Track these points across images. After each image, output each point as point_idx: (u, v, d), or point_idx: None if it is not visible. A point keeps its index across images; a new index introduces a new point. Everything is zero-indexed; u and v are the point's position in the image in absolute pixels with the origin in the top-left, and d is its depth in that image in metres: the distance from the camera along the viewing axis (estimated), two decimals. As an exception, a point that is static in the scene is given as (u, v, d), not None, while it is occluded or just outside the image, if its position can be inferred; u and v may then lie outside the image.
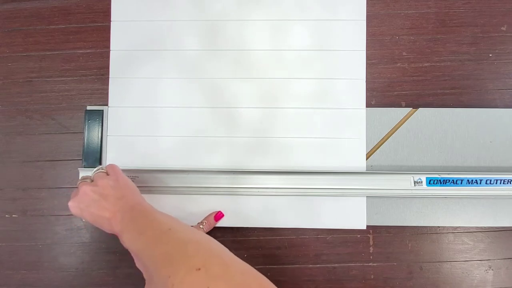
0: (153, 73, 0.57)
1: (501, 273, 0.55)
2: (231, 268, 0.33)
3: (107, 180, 0.45)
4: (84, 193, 0.44)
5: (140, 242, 0.38)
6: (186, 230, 0.39)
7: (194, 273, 0.31)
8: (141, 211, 0.42)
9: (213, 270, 0.31)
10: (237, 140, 0.56)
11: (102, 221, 0.42)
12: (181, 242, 0.36)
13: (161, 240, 0.37)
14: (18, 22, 0.59)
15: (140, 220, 0.40)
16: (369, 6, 0.57)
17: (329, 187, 0.54)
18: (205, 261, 0.32)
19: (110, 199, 0.43)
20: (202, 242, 0.36)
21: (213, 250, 0.35)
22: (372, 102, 0.57)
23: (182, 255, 0.34)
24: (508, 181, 0.53)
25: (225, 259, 0.34)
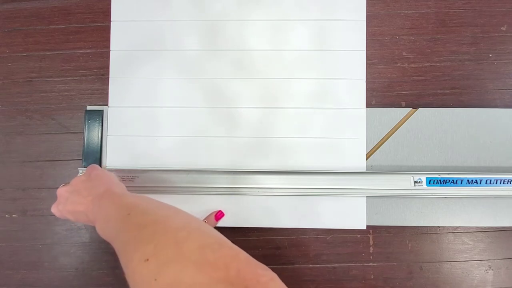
0: (153, 73, 0.57)
1: (501, 273, 0.55)
2: (185, 246, 0.29)
3: (79, 177, 0.46)
4: (59, 195, 0.45)
5: (108, 230, 0.37)
6: (147, 212, 0.36)
7: (143, 264, 0.28)
8: (109, 197, 0.40)
9: (164, 255, 0.29)
10: (237, 140, 0.56)
11: (79, 215, 0.42)
12: (137, 228, 0.33)
13: (122, 227, 0.35)
14: (18, 22, 0.59)
15: (108, 207, 0.39)
16: (369, 6, 0.57)
17: (329, 187, 0.54)
18: (156, 247, 0.29)
19: (82, 193, 0.43)
20: (159, 222, 0.33)
21: (169, 230, 0.32)
22: (372, 102, 0.57)
23: (135, 243, 0.31)
24: (508, 181, 0.53)
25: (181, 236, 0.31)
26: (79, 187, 0.44)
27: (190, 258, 0.28)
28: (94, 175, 0.45)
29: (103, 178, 0.45)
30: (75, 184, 0.45)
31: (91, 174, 0.45)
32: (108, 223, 0.37)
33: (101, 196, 0.41)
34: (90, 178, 0.45)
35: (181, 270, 0.27)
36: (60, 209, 0.44)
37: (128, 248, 0.31)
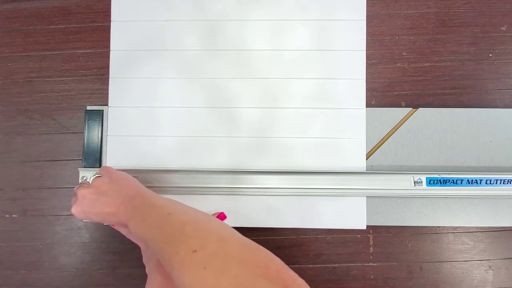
0: (153, 73, 0.57)
1: (501, 273, 0.55)
2: (228, 243, 0.33)
3: (101, 179, 0.46)
4: (82, 197, 0.45)
5: (143, 228, 0.39)
6: (186, 212, 0.40)
7: (191, 255, 0.31)
8: (142, 198, 0.43)
9: (210, 248, 0.32)
10: (237, 140, 0.56)
11: (108, 217, 0.43)
12: (179, 225, 0.36)
13: (162, 224, 0.37)
14: (18, 22, 0.59)
15: (142, 208, 0.41)
16: (369, 6, 0.57)
17: (329, 187, 0.54)
18: (202, 241, 0.33)
19: (109, 194, 0.44)
20: (201, 221, 0.37)
21: (211, 228, 0.35)
22: (372, 102, 0.57)
23: (180, 237, 0.34)
24: (508, 181, 0.53)
25: (223, 234, 0.34)
26: (105, 189, 0.45)
27: (233, 255, 0.31)
28: (115, 177, 0.46)
29: (126, 179, 0.47)
30: (98, 186, 0.45)
31: (112, 176, 0.46)
32: (144, 222, 0.39)
33: (133, 198, 0.43)
34: (113, 180, 0.46)
35: (226, 263, 0.30)
36: (86, 210, 0.44)
37: (172, 241, 0.34)
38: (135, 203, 0.42)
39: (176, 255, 0.32)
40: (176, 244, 0.33)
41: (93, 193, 0.45)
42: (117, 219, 0.43)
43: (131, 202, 0.42)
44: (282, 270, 0.31)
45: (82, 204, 0.45)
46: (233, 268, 0.30)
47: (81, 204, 0.45)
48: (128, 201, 0.43)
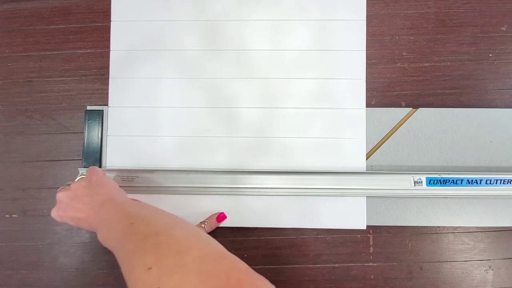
0: (153, 73, 0.57)
1: (501, 273, 0.55)
2: (187, 256, 0.30)
3: (80, 182, 0.45)
4: (59, 200, 0.45)
5: (108, 240, 0.37)
6: (150, 222, 0.36)
7: (146, 272, 0.29)
8: (112, 206, 0.40)
9: (166, 264, 0.29)
10: (237, 140, 0.56)
11: (81, 222, 0.42)
12: (140, 238, 0.33)
13: (124, 236, 0.35)
14: (18, 22, 0.59)
15: (109, 216, 0.39)
16: (369, 6, 0.57)
17: (329, 187, 0.54)
18: (159, 256, 0.30)
19: (83, 199, 0.43)
20: (161, 233, 0.34)
21: (171, 241, 0.32)
22: (372, 102, 0.57)
23: (138, 253, 0.31)
24: (508, 181, 0.53)
25: (183, 246, 0.31)
26: (80, 193, 0.44)
27: (191, 268, 0.29)
28: (95, 181, 0.45)
29: (104, 184, 0.45)
30: (76, 189, 0.45)
31: (92, 179, 0.45)
32: (109, 232, 0.37)
33: (103, 204, 0.41)
34: (91, 184, 0.44)
35: (182, 279, 0.28)
36: (61, 214, 0.44)
37: (131, 257, 0.32)
38: (103, 210, 0.40)
39: (133, 271, 0.30)
40: (134, 260, 0.31)
41: (68, 196, 0.44)
42: (88, 225, 0.42)
43: (100, 209, 0.41)
44: (244, 279, 0.28)
45: (59, 207, 0.44)
46: (189, 284, 0.27)
47: (58, 207, 0.44)
48: (98, 208, 0.41)
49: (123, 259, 0.33)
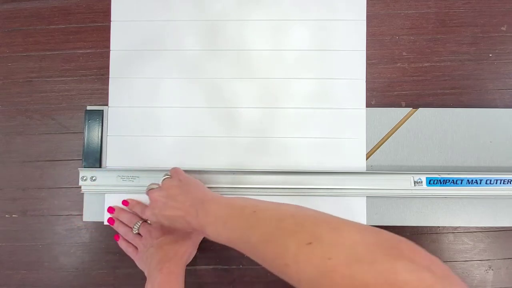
0: (153, 73, 0.57)
1: (501, 273, 0.55)
2: (344, 232, 0.30)
3: (170, 182, 0.47)
4: (154, 200, 0.45)
5: (226, 230, 0.37)
6: (273, 207, 0.37)
7: (306, 247, 0.29)
8: (213, 201, 0.42)
9: (328, 238, 0.29)
10: (237, 140, 0.56)
11: (178, 220, 0.43)
12: (275, 220, 0.34)
13: (252, 224, 0.35)
14: (18, 22, 0.59)
15: (218, 210, 0.40)
16: (369, 6, 0.57)
17: (329, 187, 0.54)
18: (312, 232, 0.30)
19: (178, 198, 0.44)
20: (297, 215, 0.34)
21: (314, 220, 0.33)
22: (372, 102, 0.57)
23: (284, 232, 0.32)
24: (508, 181, 0.53)
25: (332, 223, 0.31)
26: (174, 192, 0.45)
27: (355, 240, 0.28)
28: (185, 181, 0.46)
29: (193, 183, 0.47)
30: (168, 188, 0.46)
31: (181, 178, 0.47)
32: (226, 224, 0.38)
33: (202, 201, 0.42)
34: (182, 183, 0.46)
35: (352, 249, 0.27)
36: (156, 213, 0.45)
37: (274, 238, 0.32)
38: (207, 207, 0.41)
39: (286, 251, 0.30)
40: (282, 240, 0.31)
41: (163, 196, 0.45)
42: (187, 223, 0.42)
43: (202, 206, 0.41)
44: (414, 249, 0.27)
45: (154, 206, 0.45)
46: (364, 254, 0.27)
47: (153, 206, 0.45)
48: (198, 205, 0.42)
49: (258, 244, 0.33)
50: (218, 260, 0.56)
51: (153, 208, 0.45)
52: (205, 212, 0.41)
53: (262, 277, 0.56)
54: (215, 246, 0.56)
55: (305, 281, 0.28)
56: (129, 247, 0.52)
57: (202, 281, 0.56)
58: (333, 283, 0.26)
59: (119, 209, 0.55)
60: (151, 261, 0.48)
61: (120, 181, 0.55)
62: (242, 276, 0.56)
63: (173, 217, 0.43)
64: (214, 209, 0.40)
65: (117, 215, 0.54)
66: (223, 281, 0.56)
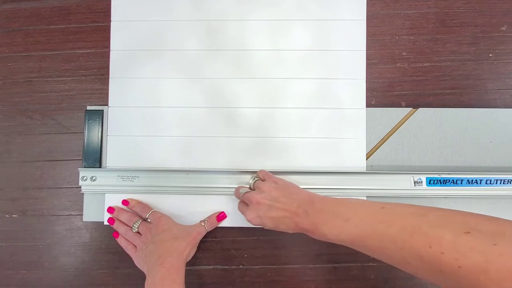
0: (153, 73, 0.57)
1: (501, 273, 0.55)
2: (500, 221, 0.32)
3: (269, 184, 0.47)
4: (257, 202, 0.46)
5: (351, 228, 0.38)
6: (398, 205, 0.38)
7: (464, 236, 0.30)
8: (325, 200, 0.42)
9: (487, 228, 0.31)
10: (237, 140, 0.56)
11: (284, 221, 0.44)
12: (415, 215, 0.35)
13: (385, 218, 0.36)
14: (18, 22, 0.59)
15: (335, 208, 0.40)
16: (369, 6, 0.57)
17: (329, 187, 0.54)
18: (465, 223, 0.32)
19: (282, 200, 0.45)
20: (432, 211, 0.36)
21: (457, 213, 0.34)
22: (372, 102, 0.57)
23: (432, 225, 0.33)
24: (508, 181, 0.53)
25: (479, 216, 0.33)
26: (276, 194, 0.46)
27: None
28: (281, 183, 0.48)
29: (293, 184, 0.49)
30: (269, 191, 0.46)
31: (276, 181, 0.48)
32: (348, 222, 0.38)
33: (310, 201, 0.43)
34: (280, 186, 0.47)
35: None
36: (261, 215, 0.45)
37: (418, 231, 0.33)
38: (320, 206, 0.42)
39: (441, 240, 0.31)
40: (434, 231, 0.32)
41: (266, 198, 0.45)
42: (293, 223, 0.43)
43: (312, 205, 0.42)
44: None
45: (258, 208, 0.45)
46: None
47: (256, 209, 0.46)
48: (307, 204, 0.42)
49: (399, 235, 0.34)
50: (218, 260, 0.56)
51: (258, 210, 0.46)
52: (318, 211, 0.41)
53: (262, 277, 0.56)
54: (215, 246, 0.56)
55: (467, 267, 0.29)
56: (129, 245, 0.52)
57: (202, 281, 0.56)
58: (502, 266, 0.28)
59: (118, 209, 0.55)
60: (151, 257, 0.48)
61: (120, 181, 0.55)
62: (242, 276, 0.56)
63: (279, 219, 0.44)
64: (329, 207, 0.41)
65: (116, 215, 0.55)
66: (223, 281, 0.56)
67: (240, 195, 0.51)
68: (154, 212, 0.53)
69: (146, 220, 0.53)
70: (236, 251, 0.56)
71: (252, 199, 0.47)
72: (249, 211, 0.47)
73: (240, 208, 0.51)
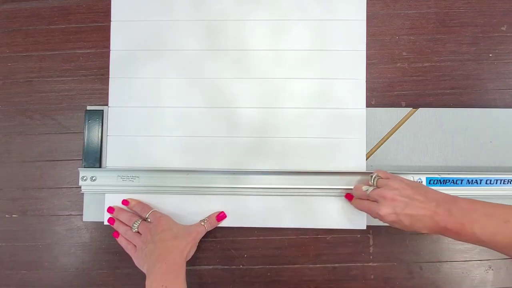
0: (153, 73, 0.57)
1: (501, 273, 0.55)
2: None
3: (398, 182, 0.47)
4: (392, 199, 0.45)
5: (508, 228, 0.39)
6: None
7: None
8: (469, 201, 0.42)
9: None
10: (237, 140, 0.56)
11: (423, 219, 0.43)
12: None
13: None
14: (18, 22, 0.59)
15: (487, 209, 0.41)
16: (369, 6, 0.57)
17: (329, 187, 0.54)
18: None
19: (417, 198, 0.44)
20: None
21: None
22: (372, 102, 0.57)
23: None
24: (508, 181, 0.53)
25: None
26: (409, 192, 0.45)
27: None
28: (407, 181, 0.47)
29: (422, 184, 0.49)
30: (402, 188, 0.46)
31: (402, 179, 0.47)
32: (508, 223, 0.39)
33: (455, 200, 0.43)
34: (409, 184, 0.46)
35: None
36: (398, 212, 0.44)
37: None
38: (466, 206, 0.42)
39: None
40: None
41: (401, 195, 0.45)
42: (433, 222, 0.43)
43: (456, 205, 0.42)
44: None
45: (394, 205, 0.45)
46: None
47: (392, 205, 0.45)
48: (449, 204, 0.42)
49: None
50: (218, 260, 0.56)
51: (394, 207, 0.45)
52: (465, 210, 0.41)
53: (262, 277, 0.56)
54: (215, 246, 0.56)
55: None
56: (129, 244, 0.52)
57: (202, 281, 0.56)
58: None
59: (118, 209, 0.55)
60: (151, 256, 0.48)
61: (120, 181, 0.55)
62: (242, 276, 0.56)
63: (418, 216, 0.43)
64: (479, 208, 0.41)
65: (116, 214, 0.55)
66: (223, 281, 0.56)
67: (364, 192, 0.49)
68: (154, 212, 0.53)
69: (146, 220, 0.53)
70: (236, 251, 0.56)
71: (386, 195, 0.45)
72: (383, 206, 0.45)
73: (365, 205, 0.49)
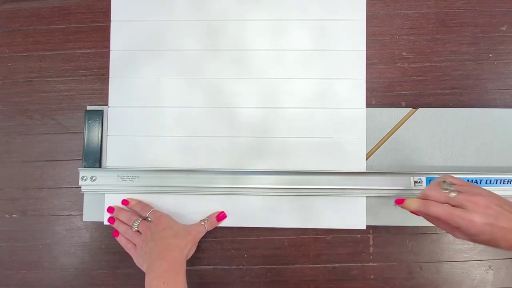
0: (153, 73, 0.57)
1: (501, 273, 0.55)
2: None
3: (480, 188, 0.43)
4: (486, 206, 0.40)
5: None
6: None
7: None
8: None
9: None
10: (237, 140, 0.56)
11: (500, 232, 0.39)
12: None
13: None
14: (18, 22, 0.59)
15: None
16: (369, 6, 0.57)
17: (329, 187, 0.54)
18: None
19: (508, 209, 0.40)
20: None
21: None
22: (372, 102, 0.57)
23: None
24: (508, 181, 0.53)
25: None
26: (497, 200, 0.41)
27: None
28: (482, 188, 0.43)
29: None
30: (489, 195, 0.42)
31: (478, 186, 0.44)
32: None
33: None
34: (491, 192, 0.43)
35: None
36: (492, 223, 0.40)
37: None
38: None
39: None
40: None
41: (493, 203, 0.41)
42: None
43: None
44: None
45: (488, 214, 0.40)
46: None
47: (486, 214, 0.40)
48: None
49: None
50: (218, 260, 0.56)
51: (488, 216, 0.40)
52: None
53: (262, 277, 0.56)
54: (215, 246, 0.56)
55: None
56: (129, 243, 0.52)
57: (202, 281, 0.56)
58: None
59: (118, 208, 0.55)
60: (151, 254, 0.48)
61: (120, 181, 0.55)
62: (242, 276, 0.56)
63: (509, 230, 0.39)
64: None
65: (116, 214, 0.55)
66: (223, 281, 0.56)
67: (442, 195, 0.43)
68: (154, 211, 0.53)
69: (146, 219, 0.53)
70: (236, 251, 0.56)
71: (478, 201, 0.40)
72: (476, 214, 0.40)
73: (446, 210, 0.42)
